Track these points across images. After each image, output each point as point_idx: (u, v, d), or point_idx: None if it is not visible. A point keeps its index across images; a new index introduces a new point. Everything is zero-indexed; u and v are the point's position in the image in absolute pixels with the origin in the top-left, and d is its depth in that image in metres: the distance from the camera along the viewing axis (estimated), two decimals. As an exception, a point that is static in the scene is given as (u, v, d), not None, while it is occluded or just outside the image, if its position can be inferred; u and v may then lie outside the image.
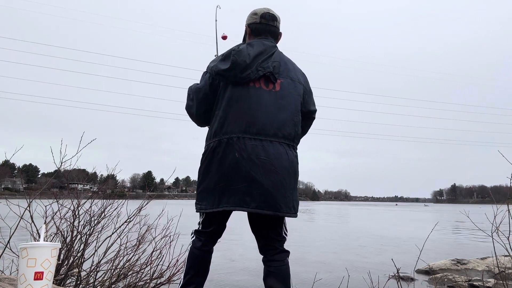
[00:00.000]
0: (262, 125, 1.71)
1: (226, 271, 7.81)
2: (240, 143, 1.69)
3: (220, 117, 1.76)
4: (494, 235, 2.52)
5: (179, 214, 3.78)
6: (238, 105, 1.74)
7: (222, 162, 1.71)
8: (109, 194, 3.81)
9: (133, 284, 3.17)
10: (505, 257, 2.77)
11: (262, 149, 1.69)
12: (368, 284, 2.85)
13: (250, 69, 1.74)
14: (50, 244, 1.78)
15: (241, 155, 1.67)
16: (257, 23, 1.92)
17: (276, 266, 1.83)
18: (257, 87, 1.77)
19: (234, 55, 1.73)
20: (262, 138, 1.71)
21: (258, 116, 1.72)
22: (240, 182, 1.67)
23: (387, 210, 58.09)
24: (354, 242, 13.39)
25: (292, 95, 1.84)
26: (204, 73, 1.87)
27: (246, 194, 1.67)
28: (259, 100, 1.75)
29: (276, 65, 1.82)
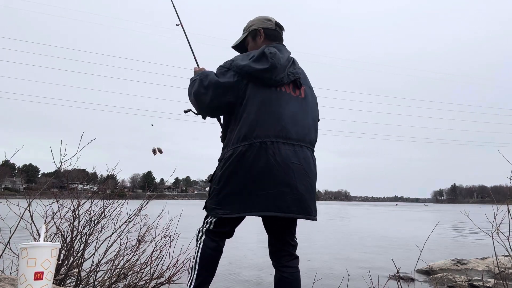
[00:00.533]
0: (293, 130, 1.75)
1: (229, 272, 7.82)
2: (274, 147, 1.69)
3: (251, 120, 1.72)
4: (494, 235, 2.52)
5: (179, 214, 3.78)
6: (271, 109, 1.73)
7: (253, 166, 1.68)
8: (109, 194, 3.81)
9: (133, 284, 3.17)
10: (505, 257, 2.77)
11: (294, 153, 1.72)
12: (368, 284, 2.85)
13: (283, 73, 1.77)
14: (50, 244, 1.78)
15: (275, 159, 1.68)
16: (272, 29, 1.96)
17: (290, 272, 1.87)
18: (288, 93, 1.80)
19: (272, 58, 1.73)
20: (294, 143, 1.74)
21: (290, 121, 1.75)
22: (273, 187, 1.67)
23: (387, 210, 58.10)
24: (354, 242, 13.39)
25: (312, 102, 1.91)
26: (225, 69, 1.78)
27: (279, 199, 1.67)
28: (289, 106, 1.78)
29: (300, 72, 1.88)
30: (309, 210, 1.74)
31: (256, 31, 1.97)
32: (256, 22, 1.99)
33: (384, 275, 2.84)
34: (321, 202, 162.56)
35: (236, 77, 1.74)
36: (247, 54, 1.83)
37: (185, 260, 3.25)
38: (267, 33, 1.95)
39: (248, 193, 1.68)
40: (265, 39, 1.96)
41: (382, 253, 10.52)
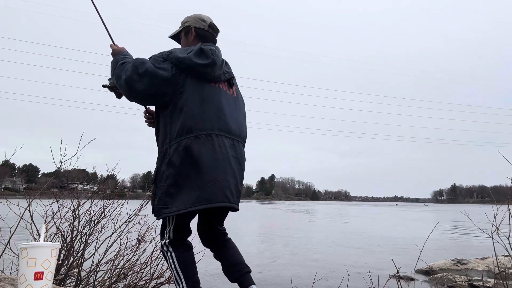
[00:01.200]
0: (232, 125, 1.83)
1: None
2: (219, 140, 1.74)
3: (195, 113, 1.72)
4: (494, 235, 2.52)
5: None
6: (214, 104, 1.78)
7: (201, 158, 1.68)
8: (109, 194, 3.81)
9: (133, 284, 3.17)
10: (505, 257, 2.77)
11: (233, 148, 1.82)
12: (368, 284, 2.85)
13: (220, 71, 1.85)
14: (50, 244, 1.78)
15: (221, 151, 1.74)
16: (205, 30, 1.97)
17: (232, 243, 1.99)
18: (224, 90, 1.87)
19: (212, 54, 1.79)
20: (233, 138, 1.83)
21: (229, 117, 1.82)
22: (221, 178, 1.72)
23: (387, 210, 58.11)
24: (354, 242, 13.39)
25: (242, 102, 2.02)
26: (161, 60, 1.75)
27: (228, 190, 1.74)
28: (227, 102, 1.85)
29: (231, 71, 1.98)
30: (238, 201, 1.85)
31: (189, 28, 1.99)
32: (191, 20, 2.00)
33: (384, 275, 2.84)
34: (321, 202, 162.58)
35: (174, 69, 1.74)
36: (186, 48, 1.84)
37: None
38: (198, 32, 1.96)
39: (199, 186, 1.68)
40: (196, 38, 1.97)
41: (382, 253, 10.52)
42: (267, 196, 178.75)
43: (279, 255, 10.10)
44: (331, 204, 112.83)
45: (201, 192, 1.67)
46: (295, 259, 9.46)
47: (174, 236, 1.79)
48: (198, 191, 1.67)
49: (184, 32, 2.01)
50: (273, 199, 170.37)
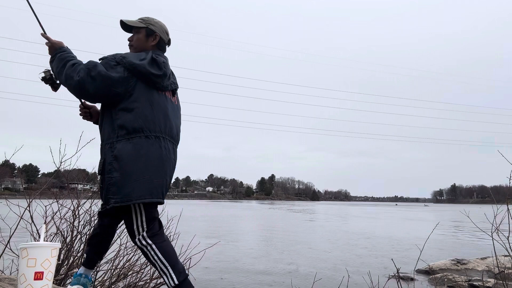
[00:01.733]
0: (174, 131, 2.03)
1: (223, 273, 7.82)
2: (165, 143, 1.94)
3: (146, 115, 1.88)
4: (494, 235, 2.52)
5: (179, 214, 3.78)
6: (161, 109, 1.95)
7: (150, 156, 1.86)
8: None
9: (133, 284, 3.17)
10: (505, 257, 2.77)
11: (173, 151, 2.02)
12: (368, 284, 2.85)
13: (169, 81, 2.04)
14: (50, 244, 1.78)
15: (165, 153, 1.93)
16: (165, 43, 2.15)
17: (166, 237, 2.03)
18: (169, 98, 2.05)
19: (164, 67, 1.97)
20: (174, 142, 2.04)
21: (173, 122, 2.02)
22: (163, 176, 1.91)
23: (387, 210, 58.12)
24: (354, 242, 13.39)
25: (180, 110, 2.20)
26: (114, 63, 1.86)
27: (164, 188, 1.93)
28: (172, 109, 2.05)
29: (176, 82, 2.17)
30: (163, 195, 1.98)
31: (153, 33, 2.09)
32: (159, 27, 2.11)
33: (384, 275, 2.84)
34: (321, 202, 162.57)
35: (127, 73, 1.86)
36: (138, 54, 1.95)
37: (185, 260, 3.25)
38: (159, 42, 2.11)
39: (146, 180, 1.83)
40: (155, 46, 2.10)
41: (382, 253, 10.52)
42: (267, 196, 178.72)
43: (278, 255, 10.10)
44: (331, 204, 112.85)
45: (150, 187, 1.83)
46: (295, 259, 9.46)
47: (148, 227, 1.88)
48: (148, 184, 1.83)
49: (147, 33, 2.08)
50: (273, 199, 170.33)
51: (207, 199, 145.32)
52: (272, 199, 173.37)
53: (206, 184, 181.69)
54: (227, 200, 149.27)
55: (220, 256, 9.35)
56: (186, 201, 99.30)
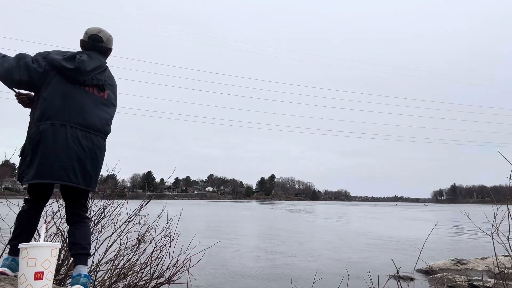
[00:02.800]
0: (92, 121, 2.20)
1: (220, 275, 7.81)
2: (72, 131, 2.11)
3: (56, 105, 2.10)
4: (494, 235, 2.52)
5: (179, 214, 3.78)
6: (76, 102, 2.16)
7: (53, 142, 2.06)
8: (109, 194, 3.81)
9: (133, 284, 3.17)
10: (505, 257, 2.77)
11: (90, 139, 2.18)
12: (368, 284, 2.85)
13: (87, 76, 2.22)
14: (50, 244, 1.79)
15: (72, 140, 2.10)
16: (85, 41, 2.37)
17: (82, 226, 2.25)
18: (92, 92, 2.25)
19: (79, 63, 2.17)
20: (91, 132, 2.19)
21: (90, 114, 2.20)
22: (67, 161, 2.07)
23: (387, 210, 58.12)
24: (354, 242, 13.39)
25: (112, 104, 2.38)
26: (41, 58, 2.14)
27: (71, 172, 2.08)
28: (93, 102, 2.24)
29: (106, 79, 2.36)
30: (92, 184, 2.20)
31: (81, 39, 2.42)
32: (85, 32, 2.42)
33: (384, 275, 2.84)
34: (321, 202, 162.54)
35: (48, 67, 2.13)
36: (65, 52, 2.23)
37: (185, 260, 3.25)
38: (82, 44, 2.39)
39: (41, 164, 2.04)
40: (81, 47, 2.39)
41: (382, 253, 10.52)
42: (267, 196, 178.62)
43: (278, 255, 10.10)
44: (331, 204, 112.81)
45: (42, 169, 2.02)
46: (294, 259, 9.46)
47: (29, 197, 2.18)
48: (40, 168, 2.02)
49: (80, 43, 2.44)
50: (273, 199, 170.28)
51: (207, 199, 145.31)
52: (272, 199, 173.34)
53: (206, 184, 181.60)
54: (227, 200, 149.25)
55: (220, 256, 9.35)
56: (186, 201, 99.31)
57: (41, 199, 2.21)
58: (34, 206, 2.19)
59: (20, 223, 2.17)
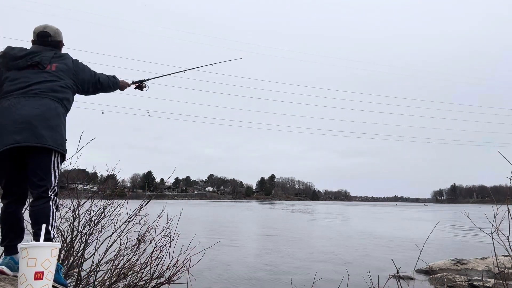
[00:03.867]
0: (35, 87, 2.31)
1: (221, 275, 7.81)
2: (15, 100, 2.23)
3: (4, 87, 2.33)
4: (494, 235, 2.52)
5: (179, 214, 3.78)
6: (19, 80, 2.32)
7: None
8: (109, 194, 3.81)
9: (133, 284, 3.17)
10: (505, 257, 2.77)
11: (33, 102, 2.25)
12: (368, 284, 2.85)
13: (16, 61, 2.39)
14: (50, 244, 1.79)
15: (14, 105, 2.21)
16: (33, 40, 2.58)
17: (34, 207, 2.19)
18: (33, 70, 2.39)
19: (3, 54, 2.41)
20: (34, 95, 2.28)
21: (35, 84, 2.32)
22: (13, 126, 2.14)
23: (387, 210, 58.13)
24: (354, 242, 13.39)
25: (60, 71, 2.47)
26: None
27: (17, 134, 2.13)
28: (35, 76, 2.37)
29: (45, 58, 2.46)
30: (43, 139, 2.18)
31: None
32: None
33: (384, 275, 2.84)
34: (321, 202, 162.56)
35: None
36: None
37: (185, 260, 3.25)
38: (32, 42, 2.59)
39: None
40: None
41: (382, 253, 10.53)
42: (267, 196, 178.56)
43: (278, 255, 10.10)
44: (331, 204, 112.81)
45: None
46: (294, 259, 9.46)
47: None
48: None
49: None
50: (273, 199, 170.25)
51: (207, 199, 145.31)
52: (272, 199, 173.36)
53: (206, 184, 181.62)
54: (227, 200, 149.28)
55: (220, 256, 9.35)
56: (186, 201, 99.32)
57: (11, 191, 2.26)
58: (10, 202, 2.25)
59: (3, 223, 2.22)
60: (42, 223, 2.03)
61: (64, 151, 2.35)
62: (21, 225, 2.28)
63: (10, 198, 2.27)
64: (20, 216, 2.29)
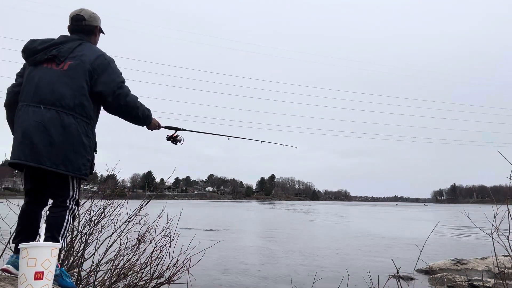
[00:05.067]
0: (45, 96, 2.10)
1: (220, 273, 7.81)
2: (26, 109, 2.10)
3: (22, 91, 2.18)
4: (494, 235, 2.52)
5: (179, 214, 3.78)
6: (33, 81, 2.15)
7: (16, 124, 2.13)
8: (109, 194, 3.81)
9: (133, 284, 3.17)
10: (505, 257, 2.77)
11: (39, 114, 2.07)
12: (368, 284, 2.85)
13: (35, 55, 2.19)
14: (50, 244, 1.79)
15: (25, 118, 2.08)
16: (69, 25, 2.36)
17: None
18: (50, 67, 2.17)
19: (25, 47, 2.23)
20: (42, 106, 2.09)
21: (44, 88, 2.11)
22: (17, 139, 2.08)
23: (387, 210, 58.12)
24: (354, 242, 13.39)
25: (76, 72, 2.16)
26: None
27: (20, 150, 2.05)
28: (49, 76, 2.14)
29: (64, 50, 2.20)
30: (41, 160, 2.02)
31: None
32: None
33: (384, 275, 2.84)
34: (321, 202, 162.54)
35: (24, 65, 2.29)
36: None
37: (185, 260, 3.25)
38: (68, 28, 2.37)
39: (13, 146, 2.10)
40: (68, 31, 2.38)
41: (382, 253, 10.53)
42: (267, 196, 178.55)
43: (278, 254, 10.11)
44: (331, 204, 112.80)
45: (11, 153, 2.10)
46: (294, 258, 9.46)
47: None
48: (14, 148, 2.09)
49: None
50: (273, 199, 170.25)
51: (207, 199, 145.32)
52: (272, 199, 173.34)
53: (206, 184, 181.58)
54: (227, 200, 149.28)
55: (220, 256, 9.35)
56: (186, 201, 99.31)
57: (33, 193, 2.19)
58: (29, 202, 2.19)
59: (19, 221, 2.17)
60: (54, 231, 2.02)
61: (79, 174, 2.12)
62: (36, 226, 2.18)
63: (30, 198, 2.20)
64: (36, 217, 2.19)
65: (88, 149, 2.18)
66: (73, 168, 2.09)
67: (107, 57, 2.27)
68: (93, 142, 2.25)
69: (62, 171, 2.05)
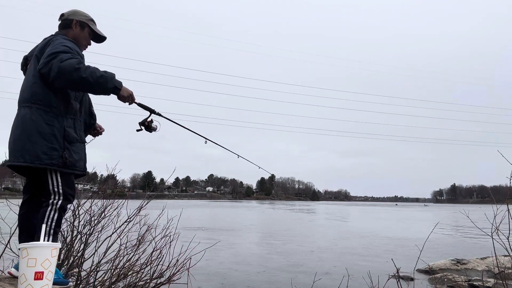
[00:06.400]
0: (20, 96, 2.18)
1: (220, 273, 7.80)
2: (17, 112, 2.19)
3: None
4: (494, 235, 2.52)
5: (179, 214, 3.78)
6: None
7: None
8: (109, 194, 3.81)
9: (133, 284, 3.17)
10: (505, 257, 2.77)
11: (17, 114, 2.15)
12: (368, 284, 2.85)
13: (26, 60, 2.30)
14: (50, 244, 1.79)
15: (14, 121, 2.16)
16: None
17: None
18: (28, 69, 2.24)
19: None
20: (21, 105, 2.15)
21: (21, 90, 2.19)
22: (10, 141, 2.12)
23: (387, 210, 58.11)
24: (354, 242, 13.39)
25: (33, 69, 2.15)
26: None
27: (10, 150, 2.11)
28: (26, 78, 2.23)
29: (32, 52, 2.29)
30: (11, 158, 2.07)
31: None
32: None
33: (384, 275, 2.83)
34: (321, 202, 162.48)
35: None
36: None
37: (185, 260, 3.25)
38: None
39: None
40: None
41: (382, 253, 10.52)
42: (267, 196, 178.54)
43: (278, 254, 10.11)
44: (331, 204, 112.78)
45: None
46: (294, 258, 9.46)
47: None
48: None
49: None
50: (273, 199, 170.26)
51: (207, 199, 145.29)
52: (272, 199, 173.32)
53: (206, 184, 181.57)
54: (227, 200, 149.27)
55: (221, 256, 9.35)
56: (186, 201, 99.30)
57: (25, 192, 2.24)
58: (23, 201, 2.24)
59: (18, 223, 2.21)
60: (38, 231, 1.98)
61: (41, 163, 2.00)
62: (31, 227, 2.12)
63: (24, 197, 2.25)
64: (29, 217, 2.16)
65: (51, 136, 2.04)
66: (31, 158, 1.99)
67: (55, 39, 2.15)
68: (60, 131, 2.08)
69: (21, 163, 2.00)
